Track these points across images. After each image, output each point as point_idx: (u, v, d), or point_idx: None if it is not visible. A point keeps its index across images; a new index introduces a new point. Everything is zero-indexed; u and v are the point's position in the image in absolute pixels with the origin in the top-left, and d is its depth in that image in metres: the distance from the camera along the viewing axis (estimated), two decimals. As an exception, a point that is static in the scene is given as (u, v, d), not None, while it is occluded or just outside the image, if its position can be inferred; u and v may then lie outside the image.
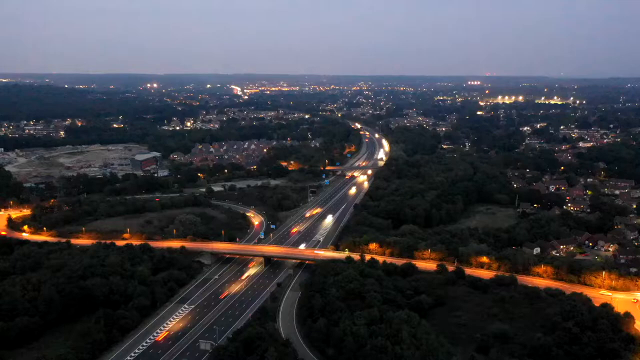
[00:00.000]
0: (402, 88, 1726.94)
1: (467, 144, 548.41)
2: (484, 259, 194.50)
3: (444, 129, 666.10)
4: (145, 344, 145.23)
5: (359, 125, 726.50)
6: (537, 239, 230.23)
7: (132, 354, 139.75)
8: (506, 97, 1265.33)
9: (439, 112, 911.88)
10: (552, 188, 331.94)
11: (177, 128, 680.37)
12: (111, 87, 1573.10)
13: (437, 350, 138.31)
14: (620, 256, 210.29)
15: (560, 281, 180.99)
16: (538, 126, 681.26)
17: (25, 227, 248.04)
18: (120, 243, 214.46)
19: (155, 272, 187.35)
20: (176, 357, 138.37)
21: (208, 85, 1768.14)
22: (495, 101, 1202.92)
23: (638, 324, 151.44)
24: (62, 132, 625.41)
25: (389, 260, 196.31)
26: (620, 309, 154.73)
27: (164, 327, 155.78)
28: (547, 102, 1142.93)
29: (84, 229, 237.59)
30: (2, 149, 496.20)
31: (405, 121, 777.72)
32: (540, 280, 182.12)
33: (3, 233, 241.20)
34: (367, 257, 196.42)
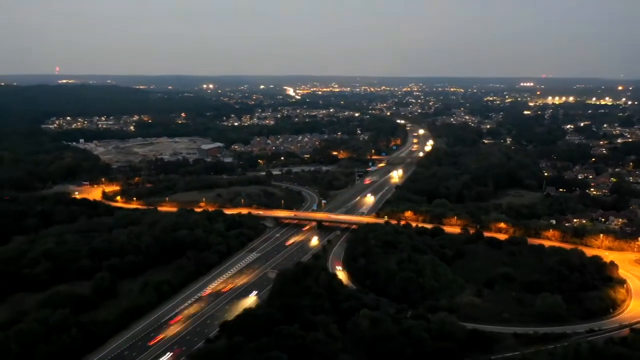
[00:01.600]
0: (452, 89, 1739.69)
1: (508, 139, 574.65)
2: (502, 225, 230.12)
3: (487, 126, 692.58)
4: (225, 275, 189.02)
5: (404, 122, 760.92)
6: (554, 213, 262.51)
7: (217, 281, 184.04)
8: (557, 98, 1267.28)
9: (486, 111, 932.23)
10: (580, 176, 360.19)
11: (236, 124, 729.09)
12: (169, 87, 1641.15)
13: (453, 283, 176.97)
14: (626, 228, 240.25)
15: (566, 243, 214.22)
16: (582, 124, 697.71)
17: (118, 198, 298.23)
18: (198, 209, 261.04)
19: (228, 230, 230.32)
20: (251, 282, 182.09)
21: (261, 86, 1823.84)
22: (545, 102, 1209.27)
23: (622, 272, 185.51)
24: (132, 127, 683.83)
25: (421, 225, 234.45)
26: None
27: (239, 265, 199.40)
28: (597, 103, 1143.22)
29: (167, 199, 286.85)
30: (82, 140, 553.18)
31: (452, 119, 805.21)
32: (548, 242, 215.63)
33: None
34: (402, 222, 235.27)
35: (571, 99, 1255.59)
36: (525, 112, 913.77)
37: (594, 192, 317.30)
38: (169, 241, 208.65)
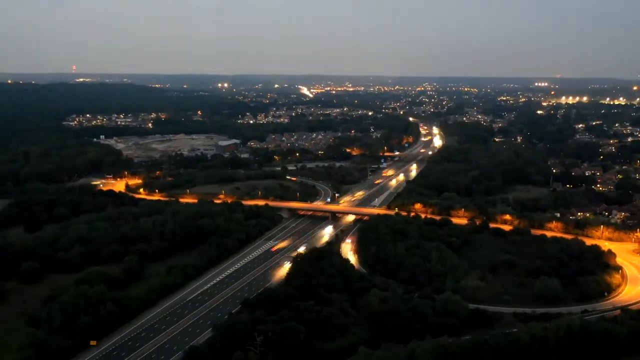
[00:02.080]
0: (466, 89, 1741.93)
1: (519, 138, 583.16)
2: (507, 217, 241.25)
3: (499, 125, 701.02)
4: (245, 260, 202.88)
5: (417, 120, 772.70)
6: (559, 207, 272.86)
7: (238, 264, 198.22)
8: (570, 98, 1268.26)
9: (499, 110, 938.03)
10: (588, 173, 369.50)
11: (251, 122, 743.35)
12: (185, 86, 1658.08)
13: (458, 268, 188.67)
14: (628, 221, 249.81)
15: (567, 234, 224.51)
16: (593, 124, 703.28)
17: (141, 190, 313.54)
18: (217, 201, 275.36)
19: (246, 220, 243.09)
20: (270, 266, 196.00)
21: (276, 85, 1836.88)
22: (558, 102, 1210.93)
23: (619, 260, 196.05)
24: (149, 124, 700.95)
25: (430, 216, 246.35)
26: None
27: (258, 251, 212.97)
28: (611, 103, 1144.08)
29: (188, 191, 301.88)
30: (103, 136, 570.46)
31: (464, 118, 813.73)
32: (551, 232, 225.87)
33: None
34: (412, 214, 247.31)
35: (585, 99, 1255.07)
36: (538, 112, 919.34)
37: (600, 188, 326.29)
38: (192, 228, 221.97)
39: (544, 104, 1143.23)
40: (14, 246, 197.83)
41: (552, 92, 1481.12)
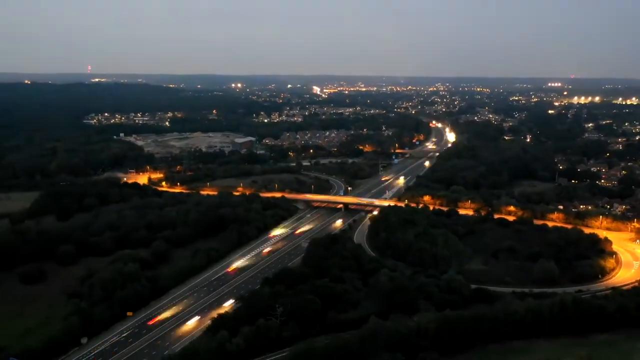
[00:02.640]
0: (478, 89, 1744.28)
1: (528, 136, 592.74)
2: (511, 208, 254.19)
3: (509, 124, 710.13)
4: (264, 245, 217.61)
5: (428, 120, 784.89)
6: (562, 200, 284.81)
7: (259, 248, 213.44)
8: (582, 98, 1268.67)
9: (510, 110, 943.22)
10: (593, 169, 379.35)
11: (265, 120, 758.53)
12: (198, 86, 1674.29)
13: (463, 253, 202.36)
14: (628, 213, 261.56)
15: (568, 224, 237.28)
16: (603, 123, 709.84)
17: (163, 183, 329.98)
18: (236, 193, 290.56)
19: (264, 210, 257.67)
20: (288, 250, 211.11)
21: (289, 86, 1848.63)
22: (570, 102, 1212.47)
23: (616, 247, 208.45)
24: (167, 122, 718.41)
25: (438, 207, 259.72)
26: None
27: (275, 238, 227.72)
28: (623, 103, 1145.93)
29: (208, 184, 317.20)
30: (122, 134, 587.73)
31: (475, 117, 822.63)
32: (552, 223, 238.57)
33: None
34: (421, 205, 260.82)
35: (597, 99, 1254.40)
36: (550, 112, 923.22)
37: (604, 183, 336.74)
38: (213, 217, 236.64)
39: (556, 104, 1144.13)
40: (50, 232, 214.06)
41: (565, 93, 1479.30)
